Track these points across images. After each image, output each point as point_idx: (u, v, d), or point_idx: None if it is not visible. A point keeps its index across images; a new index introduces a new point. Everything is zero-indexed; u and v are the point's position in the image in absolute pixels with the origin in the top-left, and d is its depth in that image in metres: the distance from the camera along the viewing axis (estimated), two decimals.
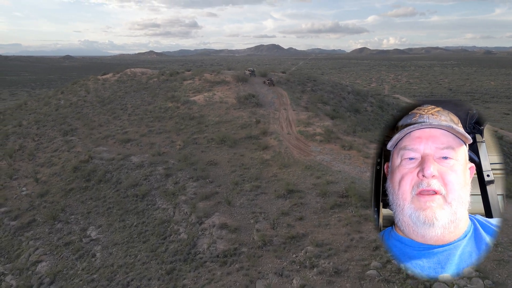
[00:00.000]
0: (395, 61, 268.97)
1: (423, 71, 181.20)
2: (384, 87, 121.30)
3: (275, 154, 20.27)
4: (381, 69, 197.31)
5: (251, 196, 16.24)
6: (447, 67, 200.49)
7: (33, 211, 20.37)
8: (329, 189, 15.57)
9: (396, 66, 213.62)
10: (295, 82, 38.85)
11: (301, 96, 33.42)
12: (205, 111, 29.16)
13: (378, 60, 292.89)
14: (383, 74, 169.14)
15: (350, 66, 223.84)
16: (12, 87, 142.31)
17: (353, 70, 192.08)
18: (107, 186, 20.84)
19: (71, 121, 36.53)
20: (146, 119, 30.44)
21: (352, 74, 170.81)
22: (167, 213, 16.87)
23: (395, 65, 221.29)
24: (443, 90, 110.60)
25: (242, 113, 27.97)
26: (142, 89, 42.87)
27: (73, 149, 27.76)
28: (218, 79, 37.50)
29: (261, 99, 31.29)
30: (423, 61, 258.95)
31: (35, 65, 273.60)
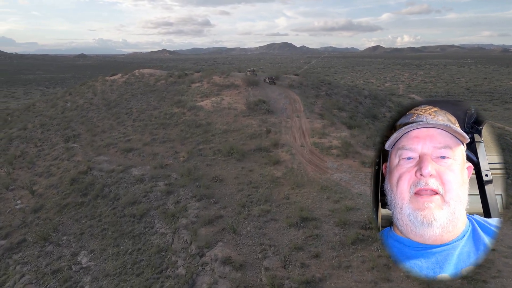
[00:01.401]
0: (409, 59, 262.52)
1: (439, 70, 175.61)
2: (398, 87, 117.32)
3: (287, 171, 18.28)
4: (395, 67, 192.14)
5: (259, 223, 14.31)
6: (463, 66, 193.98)
7: (25, 228, 18.87)
8: (349, 217, 13.52)
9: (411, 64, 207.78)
10: (309, 85, 36.66)
11: (315, 102, 31.27)
12: (212, 118, 27.32)
13: (392, 58, 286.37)
14: (397, 73, 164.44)
15: (364, 64, 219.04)
16: (27, 85, 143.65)
17: (367, 69, 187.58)
18: (104, 203, 19.20)
19: (75, 126, 35.25)
20: (151, 125, 28.79)
21: (366, 73, 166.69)
22: (166, 239, 15.07)
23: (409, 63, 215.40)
24: (460, 90, 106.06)
25: (251, 121, 26.03)
26: (149, 92, 41.37)
27: (74, 157, 26.31)
28: (227, 83, 35.62)
29: (272, 105, 29.28)
30: (439, 60, 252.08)
31: (50, 64, 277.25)
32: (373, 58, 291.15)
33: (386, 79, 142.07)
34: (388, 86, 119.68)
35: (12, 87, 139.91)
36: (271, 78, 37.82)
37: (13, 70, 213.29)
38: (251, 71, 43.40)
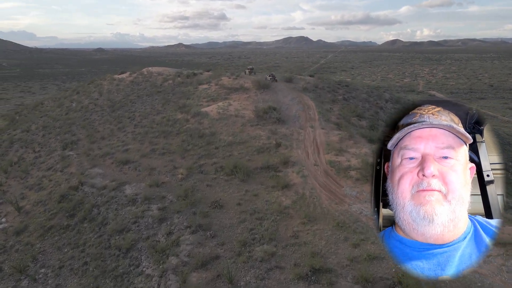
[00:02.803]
0: (429, 53, 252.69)
1: (460, 64, 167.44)
2: (418, 83, 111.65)
3: (298, 198, 15.67)
4: (415, 62, 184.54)
5: (261, 271, 11.80)
6: (486, 61, 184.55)
7: (4, 255, 16.96)
8: (372, 271, 10.86)
9: (431, 59, 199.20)
10: (325, 88, 33.67)
11: (331, 108, 28.38)
12: (217, 127, 24.87)
13: (411, 52, 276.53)
14: (416, 68, 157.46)
15: (382, 59, 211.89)
16: (44, 80, 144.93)
17: (385, 64, 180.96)
18: (90, 228, 17.07)
19: (76, 130, 33.51)
20: (151, 133, 26.58)
21: (384, 68, 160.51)
22: (151, 284, 12.75)
23: (429, 58, 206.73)
24: (484, 86, 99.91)
25: (260, 131, 23.44)
26: (155, 93, 39.28)
27: (68, 168, 24.40)
28: (236, 85, 33.02)
29: (284, 112, 26.58)
30: (460, 54, 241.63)
31: (69, 58, 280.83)
32: (391, 53, 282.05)
33: (405, 74, 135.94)
34: (407, 82, 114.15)
35: (30, 81, 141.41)
36: (272, 75, 37.22)
37: (32, 64, 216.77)
38: (250, 70, 40.93)
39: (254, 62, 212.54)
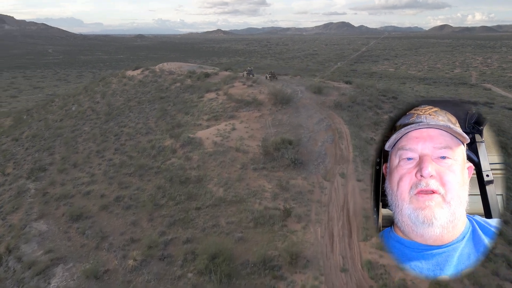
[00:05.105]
0: (482, 40, 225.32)
1: None
2: (470, 74, 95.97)
3: None
4: (466, 50, 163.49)
5: None
6: None
7: None
8: None
9: (484, 46, 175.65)
10: (365, 103, 25.12)
11: (372, 138, 20.14)
12: (208, 167, 17.71)
13: (462, 39, 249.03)
14: (468, 56, 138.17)
15: (428, 46, 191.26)
16: (83, 67, 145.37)
17: (432, 51, 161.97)
18: None
19: (58, 146, 28.10)
20: (127, 167, 20.02)
21: (431, 57, 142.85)
22: None
23: (482, 45, 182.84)
24: None
25: (264, 181, 15.99)
26: (157, 99, 32.90)
27: (14, 214, 18.62)
28: (248, 97, 25.45)
29: (305, 145, 18.81)
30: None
31: (110, 45, 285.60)
32: (439, 39, 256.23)
33: (455, 64, 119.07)
34: (457, 73, 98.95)
35: (69, 68, 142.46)
36: (272, 73, 32.06)
37: (75, 51, 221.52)
38: (248, 71, 32.97)
39: (292, 50, 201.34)
